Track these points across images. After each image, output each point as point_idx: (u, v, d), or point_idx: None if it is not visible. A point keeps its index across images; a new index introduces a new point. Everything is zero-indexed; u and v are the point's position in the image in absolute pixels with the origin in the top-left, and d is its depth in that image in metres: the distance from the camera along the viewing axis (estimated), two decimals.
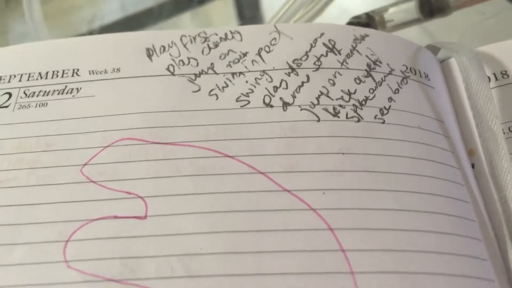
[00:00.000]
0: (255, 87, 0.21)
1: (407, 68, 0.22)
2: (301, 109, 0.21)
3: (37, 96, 0.22)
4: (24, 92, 0.22)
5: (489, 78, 0.23)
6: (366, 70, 0.22)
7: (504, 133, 0.21)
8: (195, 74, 0.22)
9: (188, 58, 0.22)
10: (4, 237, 0.18)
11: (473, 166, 0.21)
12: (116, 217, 0.18)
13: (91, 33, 0.37)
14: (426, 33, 0.32)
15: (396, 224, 0.18)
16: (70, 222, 0.18)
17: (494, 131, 0.20)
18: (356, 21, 0.28)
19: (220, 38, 0.23)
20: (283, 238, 0.17)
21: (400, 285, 0.16)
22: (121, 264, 0.17)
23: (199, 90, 0.21)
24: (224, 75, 0.22)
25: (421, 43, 0.24)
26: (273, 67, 0.22)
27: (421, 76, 0.22)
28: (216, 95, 0.21)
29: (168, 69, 0.22)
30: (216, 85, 0.21)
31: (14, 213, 0.18)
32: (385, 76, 0.22)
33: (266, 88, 0.21)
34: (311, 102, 0.21)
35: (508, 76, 0.23)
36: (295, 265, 0.17)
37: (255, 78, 0.22)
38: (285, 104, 0.21)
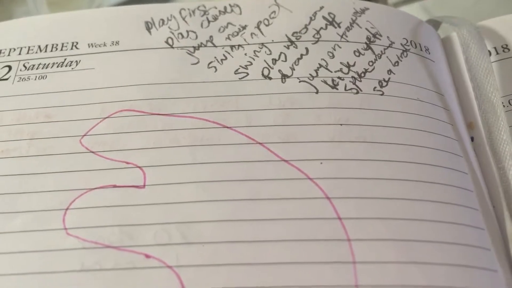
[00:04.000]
0: (253, 59, 0.21)
1: (407, 41, 0.22)
2: (299, 81, 0.20)
3: (37, 68, 0.22)
4: (24, 65, 0.22)
5: (489, 52, 0.23)
6: (365, 43, 0.22)
7: (504, 106, 0.21)
8: (194, 47, 0.22)
9: (187, 31, 0.22)
10: (5, 205, 0.18)
11: (472, 139, 0.21)
12: (115, 186, 0.18)
13: None
14: (427, 12, 0.31)
15: (393, 193, 0.18)
16: (69, 191, 0.18)
17: (494, 103, 0.20)
18: None
19: (219, 11, 0.23)
20: (281, 206, 0.17)
21: (396, 252, 0.17)
22: (120, 232, 0.17)
23: (198, 62, 0.21)
24: (223, 48, 0.22)
25: None
26: (272, 40, 0.22)
27: (421, 50, 0.22)
28: (215, 67, 0.21)
29: (167, 42, 0.22)
30: (215, 57, 0.21)
31: (15, 182, 0.19)
32: (384, 49, 0.22)
33: (265, 61, 0.21)
34: (310, 74, 0.21)
35: (509, 50, 0.23)
36: (292, 232, 0.17)
37: (254, 51, 0.21)
38: (284, 76, 0.21)
